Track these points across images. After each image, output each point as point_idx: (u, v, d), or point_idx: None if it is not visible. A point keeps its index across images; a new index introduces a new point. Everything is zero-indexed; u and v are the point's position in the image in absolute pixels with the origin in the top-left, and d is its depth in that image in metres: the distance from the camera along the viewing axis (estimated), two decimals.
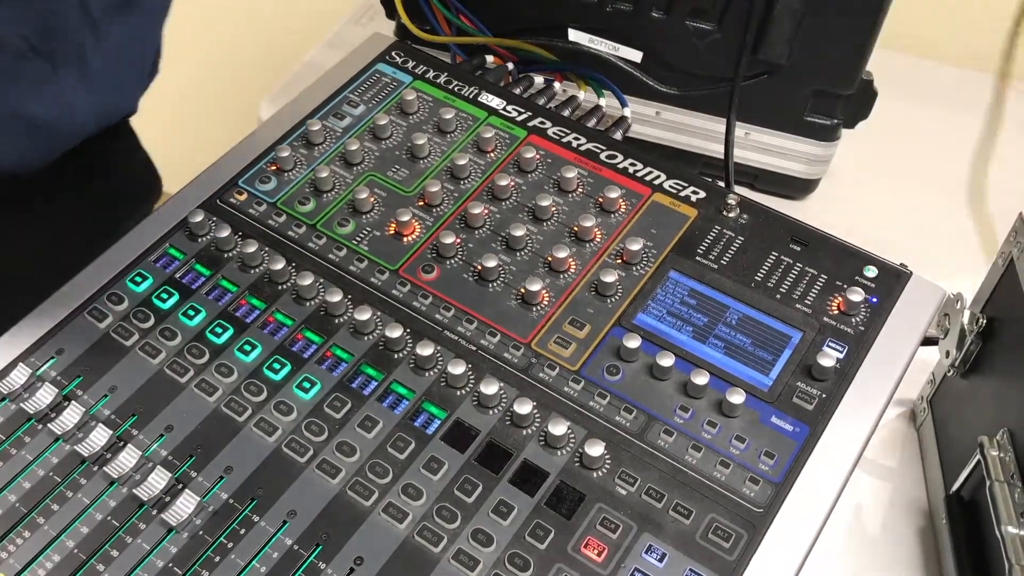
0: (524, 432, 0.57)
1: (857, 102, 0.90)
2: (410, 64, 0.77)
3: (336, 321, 0.62)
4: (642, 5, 0.87)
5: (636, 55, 0.91)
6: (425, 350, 0.59)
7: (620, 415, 0.57)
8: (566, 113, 0.80)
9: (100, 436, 0.56)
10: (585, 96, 0.85)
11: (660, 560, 0.52)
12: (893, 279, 0.63)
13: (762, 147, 0.94)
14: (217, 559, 0.52)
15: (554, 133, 0.72)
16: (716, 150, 0.91)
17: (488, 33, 0.88)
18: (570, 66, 0.86)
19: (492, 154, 0.71)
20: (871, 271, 0.63)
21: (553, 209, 0.67)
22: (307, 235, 0.66)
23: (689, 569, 0.52)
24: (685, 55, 0.89)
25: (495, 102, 0.74)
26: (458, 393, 0.58)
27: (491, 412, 0.58)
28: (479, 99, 0.75)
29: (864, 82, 0.89)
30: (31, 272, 0.68)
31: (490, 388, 0.57)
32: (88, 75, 0.64)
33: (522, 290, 0.63)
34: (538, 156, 0.70)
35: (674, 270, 0.64)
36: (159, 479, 0.54)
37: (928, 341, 0.77)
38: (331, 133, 0.72)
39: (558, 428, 0.56)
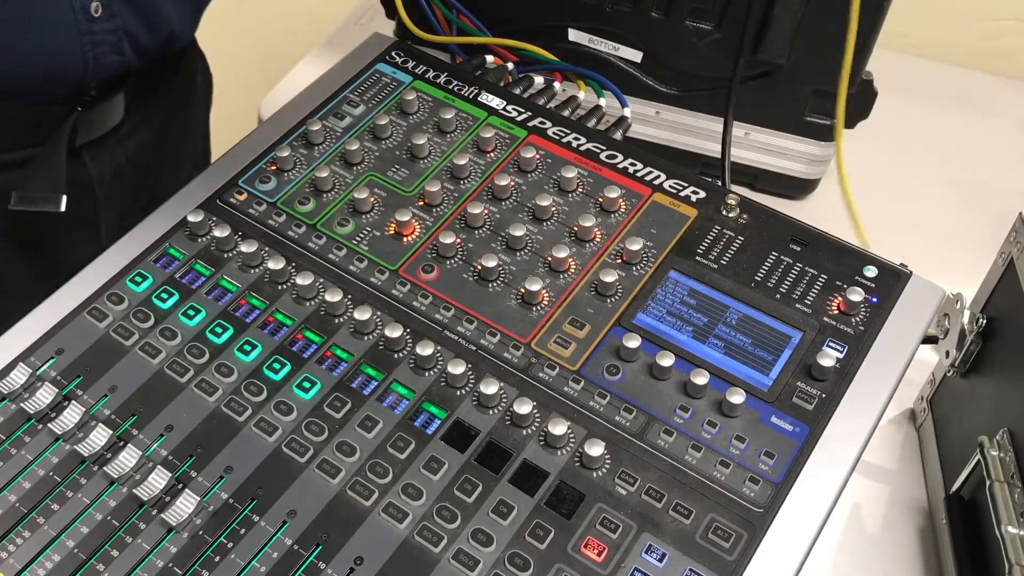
0: (524, 432, 0.57)
1: (857, 102, 0.90)
2: (410, 64, 0.77)
3: (336, 321, 0.62)
4: (642, 5, 0.87)
5: (636, 55, 0.91)
6: (425, 350, 0.59)
7: (620, 415, 0.57)
8: (566, 113, 0.80)
9: (100, 436, 0.56)
10: (585, 96, 0.85)
11: (660, 560, 0.52)
12: (893, 279, 0.63)
13: (762, 147, 0.94)
14: (217, 559, 0.52)
15: (554, 133, 0.72)
16: (716, 150, 0.91)
17: (488, 33, 0.88)
18: (570, 66, 0.86)
19: (492, 154, 0.71)
20: (871, 271, 0.63)
21: (553, 209, 0.67)
22: (307, 235, 0.66)
23: (689, 569, 0.52)
24: (685, 55, 0.89)
25: (495, 102, 0.74)
26: (458, 393, 0.58)
27: (491, 412, 0.58)
28: (479, 99, 0.75)
29: (864, 82, 0.89)
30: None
31: (490, 388, 0.57)
32: None
33: (522, 290, 0.63)
34: (538, 156, 0.70)
35: (674, 270, 0.64)
36: (159, 479, 0.54)
37: (927, 340, 0.77)
38: (331, 133, 0.72)
39: (558, 428, 0.56)
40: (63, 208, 0.74)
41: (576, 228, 0.66)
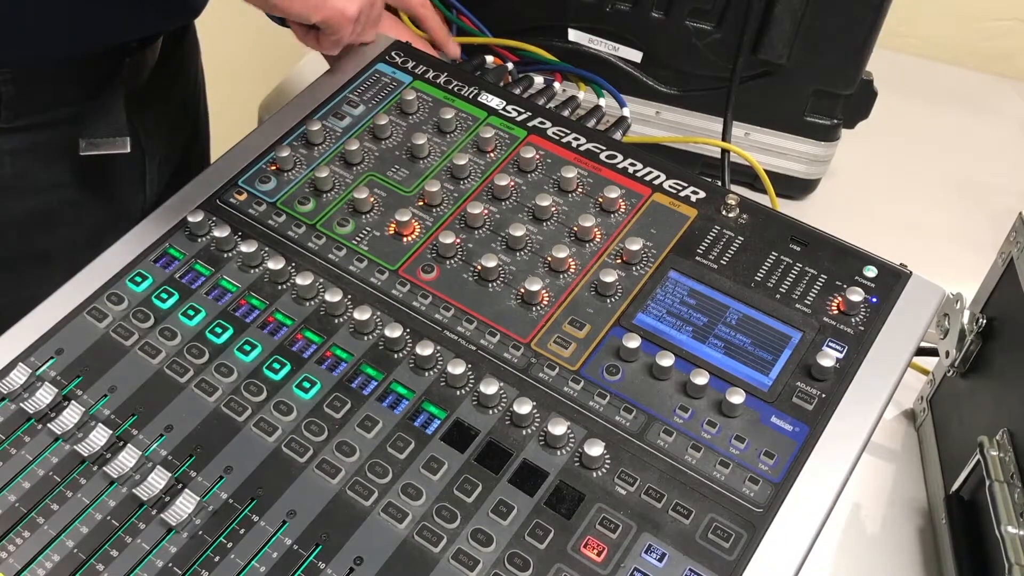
0: (524, 432, 0.57)
1: (857, 102, 0.90)
2: (410, 64, 0.77)
3: (336, 321, 0.62)
4: (642, 5, 0.87)
5: (636, 55, 0.91)
6: (425, 350, 0.59)
7: (620, 415, 0.57)
8: (566, 113, 0.80)
9: (100, 436, 0.56)
10: (585, 96, 0.85)
11: (660, 560, 0.52)
12: (893, 279, 0.63)
13: (762, 147, 0.94)
14: (217, 559, 0.52)
15: (554, 133, 0.72)
16: (716, 150, 0.91)
17: (488, 33, 0.88)
18: (570, 67, 0.86)
19: (492, 154, 0.71)
20: (871, 271, 0.63)
21: (553, 209, 0.67)
22: (307, 235, 0.66)
23: (689, 569, 0.52)
24: (685, 55, 0.89)
25: (495, 102, 0.74)
26: (458, 393, 0.58)
27: (491, 412, 0.58)
28: (479, 99, 0.75)
29: (864, 82, 0.89)
30: None
31: (490, 388, 0.57)
32: None
33: (522, 290, 0.63)
34: (538, 156, 0.70)
35: (674, 270, 0.64)
36: (159, 479, 0.54)
37: (924, 351, 0.77)
38: (331, 133, 0.72)
39: (558, 428, 0.56)
40: (128, 149, 0.78)
41: (576, 228, 0.66)
